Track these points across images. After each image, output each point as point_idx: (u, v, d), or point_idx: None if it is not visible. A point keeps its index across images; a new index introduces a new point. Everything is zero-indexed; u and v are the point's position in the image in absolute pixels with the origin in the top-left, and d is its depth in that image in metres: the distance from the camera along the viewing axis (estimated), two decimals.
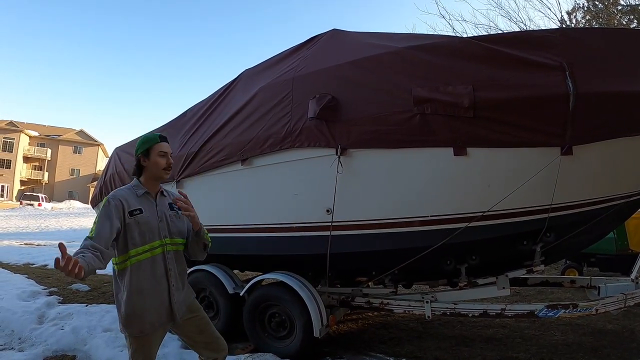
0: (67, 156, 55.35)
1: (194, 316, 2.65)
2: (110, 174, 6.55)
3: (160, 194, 2.63)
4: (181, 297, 2.55)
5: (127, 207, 2.40)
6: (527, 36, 3.70)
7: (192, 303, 2.68)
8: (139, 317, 2.36)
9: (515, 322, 5.26)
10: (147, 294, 2.38)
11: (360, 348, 4.56)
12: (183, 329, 2.62)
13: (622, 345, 4.51)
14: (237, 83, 5.07)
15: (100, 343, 4.33)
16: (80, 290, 7.09)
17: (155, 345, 2.49)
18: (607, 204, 3.56)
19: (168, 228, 2.55)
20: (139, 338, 2.39)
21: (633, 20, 12.16)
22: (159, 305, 2.42)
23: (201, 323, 2.67)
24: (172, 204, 2.63)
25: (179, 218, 2.63)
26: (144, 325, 2.37)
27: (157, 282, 2.42)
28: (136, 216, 2.41)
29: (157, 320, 2.41)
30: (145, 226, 2.43)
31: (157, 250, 2.45)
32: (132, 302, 2.36)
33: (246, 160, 4.38)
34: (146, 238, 2.42)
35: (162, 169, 2.54)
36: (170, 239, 2.53)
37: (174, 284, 2.50)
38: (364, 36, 4.36)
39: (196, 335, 2.66)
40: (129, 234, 2.38)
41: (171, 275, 2.49)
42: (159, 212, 2.54)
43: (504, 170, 3.36)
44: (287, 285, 4.12)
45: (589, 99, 3.04)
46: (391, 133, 3.55)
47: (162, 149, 2.55)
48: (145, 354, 2.43)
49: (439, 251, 3.58)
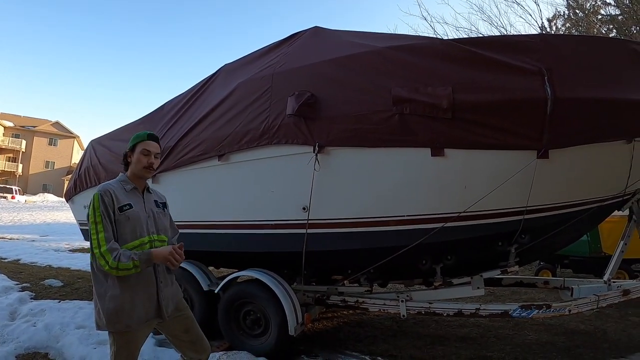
0: (42, 148, 54.02)
1: (181, 314, 2.63)
2: (85, 167, 6.42)
3: (146, 191, 2.61)
4: (169, 293, 2.53)
5: (117, 203, 2.38)
6: (508, 40, 3.75)
7: (179, 301, 2.66)
8: (126, 312, 2.31)
9: (490, 321, 5.32)
10: (135, 289, 2.35)
11: (335, 346, 4.55)
12: (169, 327, 2.60)
13: (595, 345, 4.61)
14: (216, 77, 5.00)
15: (73, 340, 4.24)
16: (53, 286, 6.96)
17: (139, 343, 2.46)
18: (582, 207, 3.62)
19: (155, 224, 2.54)
20: (124, 334, 2.35)
21: (612, 29, 12.40)
22: (146, 301, 2.39)
23: (187, 322, 2.66)
24: (156, 200, 2.65)
25: (164, 216, 2.65)
26: (131, 321, 2.33)
27: (146, 278, 2.40)
28: (126, 212, 2.40)
29: (144, 315, 2.38)
30: (135, 221, 2.42)
31: (146, 245, 2.42)
32: (120, 297, 2.31)
33: (223, 156, 4.33)
34: (136, 234, 2.41)
35: (142, 167, 2.50)
36: (157, 235, 2.52)
37: (162, 280, 2.48)
38: (346, 35, 4.34)
39: (182, 334, 2.64)
40: (119, 230, 2.36)
41: (159, 271, 2.47)
42: (146, 208, 2.53)
43: (481, 171, 3.39)
44: (263, 282, 4.09)
45: (566, 104, 3.09)
46: (370, 132, 3.55)
47: (146, 147, 2.52)
48: (130, 352, 2.39)
49: (414, 251, 3.59)
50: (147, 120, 5.66)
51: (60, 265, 9.43)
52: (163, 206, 2.68)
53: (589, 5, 13.06)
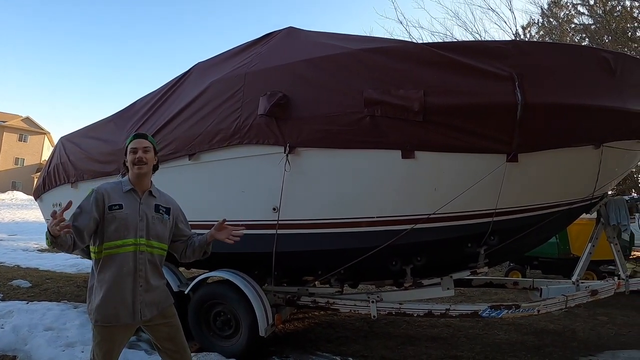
0: (11, 144, 52.23)
1: (166, 322, 2.59)
2: (55, 164, 6.30)
3: (148, 193, 2.57)
4: (150, 298, 2.48)
5: (108, 202, 2.41)
6: (480, 46, 3.80)
7: (166, 308, 2.61)
8: (102, 306, 2.34)
9: (460, 321, 5.37)
10: (109, 288, 2.35)
11: (307, 347, 4.55)
12: (153, 331, 2.58)
13: (564, 344, 4.71)
14: (188, 76, 4.95)
15: (41, 342, 4.17)
16: (21, 287, 6.80)
17: (118, 343, 2.44)
18: (551, 210, 3.70)
19: (147, 229, 2.49)
20: (102, 328, 2.36)
21: (585, 38, 12.69)
22: (118, 303, 2.37)
23: (172, 330, 2.61)
24: (158, 205, 2.59)
25: (162, 222, 2.58)
26: (106, 315, 2.35)
27: (121, 279, 2.38)
28: (114, 211, 2.41)
29: (117, 314, 2.37)
30: (122, 222, 2.41)
31: (130, 247, 2.41)
32: (97, 292, 2.37)
33: (194, 155, 4.30)
34: (120, 234, 2.40)
35: (131, 163, 2.51)
36: (146, 239, 2.48)
37: (142, 284, 2.44)
38: (320, 36, 4.34)
39: (164, 341, 2.59)
40: (106, 228, 2.39)
41: (140, 275, 2.43)
42: (140, 211, 2.49)
43: (451, 174, 3.43)
44: (233, 283, 4.06)
45: (537, 110, 3.15)
46: (341, 133, 3.56)
47: (132, 146, 2.53)
48: (108, 348, 2.38)
49: (385, 252, 3.60)
50: (117, 118, 5.58)
51: (28, 265, 9.27)
52: (166, 212, 2.60)
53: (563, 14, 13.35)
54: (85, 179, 5.58)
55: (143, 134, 2.65)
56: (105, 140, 5.49)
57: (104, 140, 5.52)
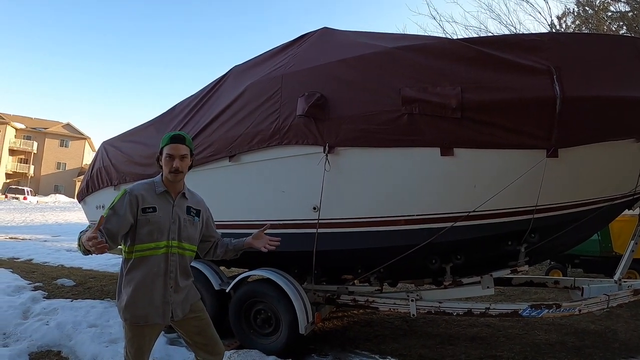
0: (53, 149, 54.48)
1: (196, 316, 2.65)
2: (97, 168, 6.50)
3: (181, 195, 2.59)
4: (180, 298, 2.53)
5: (142, 204, 2.41)
6: (516, 39, 3.74)
7: (194, 304, 2.67)
8: (131, 306, 2.39)
9: (499, 321, 5.31)
10: (138, 288, 2.39)
11: (345, 345, 4.58)
12: (183, 326, 2.63)
13: (605, 346, 4.58)
14: (226, 79, 5.04)
15: (85, 338, 4.29)
16: (65, 285, 7.00)
17: (148, 339, 2.49)
18: (592, 206, 3.61)
19: (179, 231, 2.52)
20: (133, 327, 2.42)
21: (622, 26, 12.26)
22: (147, 304, 2.41)
23: (201, 324, 2.67)
24: (190, 207, 2.61)
25: (193, 224, 2.61)
26: (135, 315, 2.40)
27: (152, 281, 2.42)
28: (148, 214, 2.42)
29: (147, 315, 2.41)
30: (155, 225, 2.43)
31: (162, 250, 2.44)
32: (127, 292, 2.40)
33: (234, 156, 4.38)
34: (153, 236, 2.42)
35: (168, 172, 2.48)
36: (177, 242, 2.51)
37: (173, 286, 2.48)
38: (354, 35, 4.37)
39: (195, 335, 2.66)
40: (138, 229, 2.40)
41: (171, 277, 2.47)
42: (173, 214, 2.51)
43: (490, 171, 3.40)
44: (273, 282, 4.12)
45: (576, 103, 3.08)
46: (379, 132, 3.57)
47: (168, 152, 2.48)
48: (139, 345, 2.44)
49: (424, 250, 3.60)
50: (158, 122, 5.72)
51: (72, 265, 9.51)
52: (196, 214, 2.62)
53: (599, 2, 12.92)
54: (128, 181, 5.70)
55: (179, 135, 2.55)
56: (146, 144, 5.62)
57: (145, 143, 5.66)
